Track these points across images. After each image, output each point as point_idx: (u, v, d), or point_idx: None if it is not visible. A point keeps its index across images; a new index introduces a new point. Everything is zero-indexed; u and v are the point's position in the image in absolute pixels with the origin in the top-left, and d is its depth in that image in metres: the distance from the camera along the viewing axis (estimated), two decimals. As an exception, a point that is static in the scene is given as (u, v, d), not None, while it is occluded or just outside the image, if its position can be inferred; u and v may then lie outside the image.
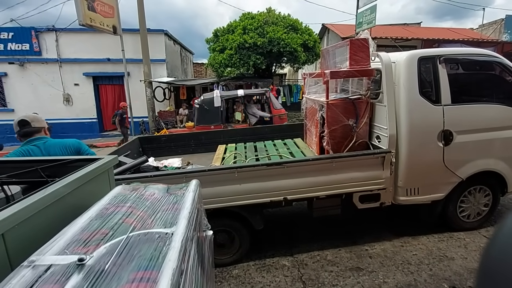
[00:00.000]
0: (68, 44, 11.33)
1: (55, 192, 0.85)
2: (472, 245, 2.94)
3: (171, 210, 0.85)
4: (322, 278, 2.60)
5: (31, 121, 2.07)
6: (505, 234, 0.53)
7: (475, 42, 13.35)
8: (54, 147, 2.03)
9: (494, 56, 2.99)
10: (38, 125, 2.10)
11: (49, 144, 2.05)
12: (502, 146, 2.94)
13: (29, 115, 2.11)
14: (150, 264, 0.60)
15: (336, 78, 3.04)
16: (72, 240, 0.68)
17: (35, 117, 2.10)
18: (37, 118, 2.10)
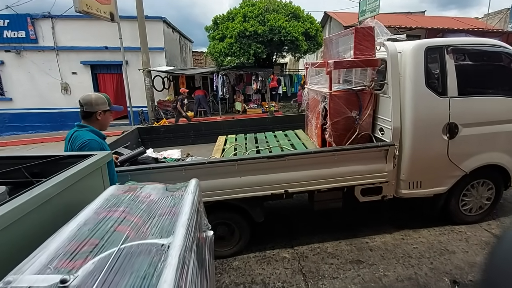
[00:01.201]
0: (64, 32, 11.07)
1: (43, 193, 0.79)
2: (473, 238, 2.93)
3: (168, 215, 0.80)
4: (323, 271, 2.59)
5: (84, 104, 1.96)
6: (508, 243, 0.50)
7: (480, 32, 13.05)
8: (75, 141, 1.89)
9: (502, 46, 2.88)
10: (90, 109, 1.96)
11: (75, 136, 1.93)
12: (507, 140, 2.88)
13: (85, 97, 1.97)
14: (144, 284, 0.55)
15: (340, 68, 2.95)
16: (57, 254, 0.63)
17: (89, 100, 1.95)
18: (90, 101, 1.95)
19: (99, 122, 2.01)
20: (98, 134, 1.97)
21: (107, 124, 2.08)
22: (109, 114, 2.06)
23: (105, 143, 2.00)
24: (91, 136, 1.89)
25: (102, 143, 1.93)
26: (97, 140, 1.89)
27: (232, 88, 12.33)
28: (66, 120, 11.85)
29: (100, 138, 1.95)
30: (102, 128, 2.05)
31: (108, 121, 2.07)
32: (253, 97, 12.15)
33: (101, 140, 1.93)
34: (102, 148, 1.86)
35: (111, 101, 2.07)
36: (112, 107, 2.06)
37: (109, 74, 11.93)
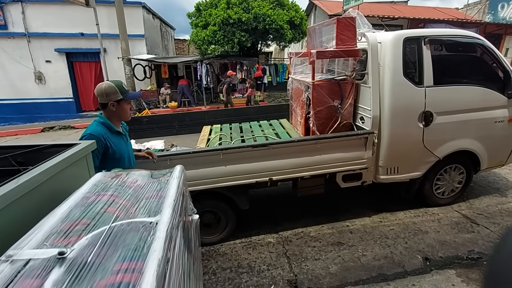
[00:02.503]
0: (36, 17, 10.40)
1: (30, 181, 0.80)
2: (445, 219, 3.15)
3: (155, 198, 0.83)
4: (305, 253, 2.72)
5: (97, 96, 1.85)
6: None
7: (459, 23, 13.51)
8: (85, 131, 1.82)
9: (477, 38, 3.03)
10: (103, 101, 1.84)
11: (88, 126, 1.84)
12: (478, 127, 3.07)
13: (97, 88, 1.84)
14: (135, 255, 0.59)
15: (322, 58, 3.00)
16: (52, 232, 0.66)
17: (100, 91, 1.82)
18: (101, 92, 1.82)
19: (115, 113, 1.88)
20: (109, 127, 1.86)
21: (126, 114, 1.93)
22: (125, 103, 1.88)
23: (115, 136, 1.87)
24: (93, 129, 1.79)
25: (106, 138, 1.80)
26: (97, 134, 1.76)
27: (216, 77, 12.16)
28: (41, 111, 11.30)
29: (108, 131, 1.84)
30: (122, 119, 1.94)
31: (125, 111, 1.91)
32: (238, 86, 12.06)
33: (105, 134, 1.81)
34: (100, 144, 1.74)
35: (125, 88, 1.87)
36: (127, 95, 1.86)
37: (86, 62, 11.40)
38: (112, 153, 1.80)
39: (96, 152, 1.69)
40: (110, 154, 1.79)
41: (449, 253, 2.64)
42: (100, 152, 1.75)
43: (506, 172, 4.18)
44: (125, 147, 1.95)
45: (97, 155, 1.72)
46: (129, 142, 2.09)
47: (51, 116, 11.30)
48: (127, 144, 2.00)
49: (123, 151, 1.90)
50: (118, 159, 1.84)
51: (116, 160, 1.83)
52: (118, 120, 1.93)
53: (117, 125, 1.93)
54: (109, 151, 1.78)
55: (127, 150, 1.97)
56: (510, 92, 3.03)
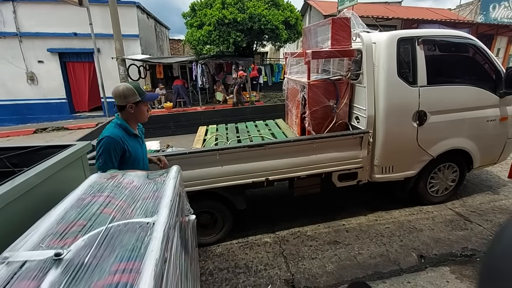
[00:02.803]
0: (28, 17, 10.24)
1: (25, 183, 0.79)
2: (439, 217, 3.19)
3: (151, 199, 0.83)
4: (302, 252, 2.73)
5: (114, 97, 1.79)
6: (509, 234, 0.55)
7: (451, 23, 13.70)
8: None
9: (469, 38, 3.08)
10: (120, 103, 1.79)
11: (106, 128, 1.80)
12: (471, 126, 3.12)
13: (114, 90, 1.79)
14: (133, 255, 0.59)
15: (317, 58, 3.01)
16: (47, 234, 0.65)
17: (118, 93, 1.77)
18: (119, 94, 1.76)
19: (133, 115, 1.84)
20: (126, 129, 1.82)
21: (144, 116, 1.89)
22: (143, 105, 1.84)
23: (132, 139, 1.84)
24: (111, 131, 1.75)
25: (124, 141, 1.76)
26: (115, 137, 1.72)
27: (212, 77, 12.12)
28: (33, 112, 11.14)
29: (125, 134, 1.80)
30: (139, 121, 1.90)
31: (143, 113, 1.87)
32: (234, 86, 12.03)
33: (123, 137, 1.77)
34: (118, 146, 1.70)
35: (142, 89, 1.83)
36: (144, 97, 1.82)
37: (80, 62, 11.27)
38: (129, 156, 1.76)
39: (114, 154, 1.66)
40: (127, 157, 1.75)
41: (443, 250, 2.67)
42: (118, 155, 1.70)
43: (498, 170, 4.25)
44: (140, 150, 1.92)
45: (115, 157, 1.68)
46: (144, 144, 2.04)
47: (44, 117, 11.16)
48: (142, 147, 1.97)
49: (139, 154, 1.87)
50: (133, 162, 1.80)
51: (131, 163, 1.79)
52: (135, 122, 1.90)
53: (133, 127, 1.89)
54: (126, 154, 1.74)
55: (142, 153, 1.94)
56: (502, 92, 3.08)
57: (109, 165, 1.66)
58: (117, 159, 1.71)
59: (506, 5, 14.92)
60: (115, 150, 1.67)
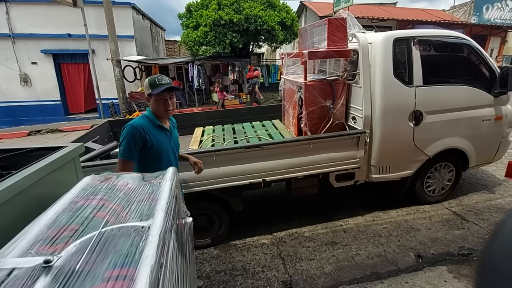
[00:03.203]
0: (21, 18, 10.12)
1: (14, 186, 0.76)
2: (436, 217, 3.20)
3: (147, 201, 0.81)
4: (300, 254, 2.72)
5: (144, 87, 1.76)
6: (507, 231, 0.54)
7: (446, 24, 13.86)
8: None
9: (464, 38, 3.11)
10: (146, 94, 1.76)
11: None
12: (466, 125, 3.14)
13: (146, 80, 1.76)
14: (127, 261, 0.57)
15: (314, 58, 3.01)
16: (37, 239, 0.62)
17: (145, 83, 1.75)
18: (146, 85, 1.74)
19: (152, 107, 1.80)
20: (152, 120, 1.78)
21: (159, 110, 1.77)
22: (157, 98, 1.74)
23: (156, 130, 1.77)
24: (135, 120, 1.73)
25: (147, 130, 1.71)
26: (137, 125, 1.68)
27: (208, 78, 12.09)
28: (27, 114, 11.00)
29: (150, 124, 1.75)
30: (156, 113, 1.80)
31: (157, 106, 1.76)
32: (230, 87, 12.03)
33: (146, 126, 1.71)
34: (139, 135, 1.66)
35: (156, 82, 1.72)
36: (152, 91, 1.71)
37: (74, 64, 11.16)
38: (151, 147, 1.71)
39: (133, 143, 1.64)
40: (149, 147, 1.70)
41: (441, 249, 2.68)
42: (138, 144, 1.67)
43: (493, 169, 4.29)
44: (168, 143, 1.84)
45: (134, 146, 1.65)
46: (174, 140, 1.95)
47: (38, 119, 11.02)
48: (171, 141, 1.88)
49: (164, 146, 1.79)
50: (156, 154, 1.74)
51: (154, 154, 1.73)
52: (157, 115, 1.81)
53: (161, 119, 1.82)
54: (147, 145, 1.69)
55: (169, 146, 1.85)
56: (496, 91, 3.10)
57: (129, 154, 1.65)
58: (137, 149, 1.67)
59: (499, 6, 15.15)
60: (135, 139, 1.65)
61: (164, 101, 1.74)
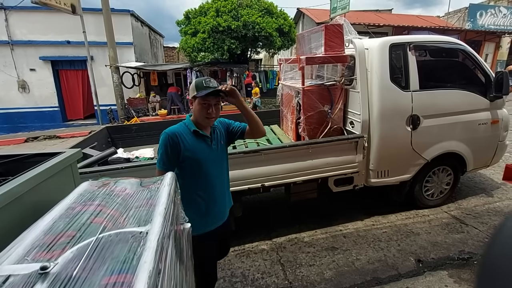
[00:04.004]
0: (20, 25, 10.19)
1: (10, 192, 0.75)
2: (435, 220, 3.19)
3: (145, 207, 0.80)
4: (300, 259, 2.69)
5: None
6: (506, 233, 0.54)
7: (440, 30, 14.07)
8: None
9: (459, 43, 3.15)
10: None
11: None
12: (463, 129, 3.16)
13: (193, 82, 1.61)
14: (124, 267, 0.56)
15: (311, 64, 3.04)
16: (33, 246, 0.61)
17: (192, 85, 1.59)
18: (192, 87, 1.57)
19: (194, 112, 1.62)
20: (189, 126, 1.61)
21: (200, 115, 1.58)
22: (199, 101, 1.55)
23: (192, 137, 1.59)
24: (171, 127, 1.58)
25: (181, 137, 1.55)
26: (170, 132, 1.54)
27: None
28: (25, 120, 10.99)
29: (187, 131, 1.59)
30: (197, 119, 1.61)
31: (199, 112, 1.57)
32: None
33: (181, 133, 1.56)
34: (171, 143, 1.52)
35: (203, 84, 1.54)
36: (197, 93, 1.53)
37: (73, 70, 11.20)
38: (188, 155, 1.55)
39: (166, 151, 1.52)
40: (186, 156, 1.55)
41: (441, 254, 2.66)
42: (172, 152, 1.53)
43: (491, 173, 4.30)
44: (207, 152, 1.63)
45: (167, 154, 1.53)
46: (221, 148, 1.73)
47: (36, 125, 11.00)
48: (213, 150, 1.66)
49: (202, 155, 1.60)
50: (194, 163, 1.59)
51: (192, 163, 1.58)
52: (199, 121, 1.62)
53: (200, 125, 1.63)
54: (182, 153, 1.54)
55: (210, 156, 1.64)
56: (492, 95, 3.14)
57: (165, 162, 1.54)
58: (171, 157, 1.54)
59: (492, 12, 15.41)
60: (168, 147, 1.52)
61: (208, 106, 1.55)
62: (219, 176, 1.71)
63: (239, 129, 1.81)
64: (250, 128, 1.78)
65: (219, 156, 1.71)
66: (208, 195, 1.64)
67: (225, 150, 1.80)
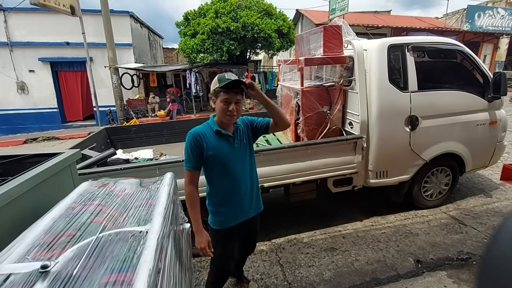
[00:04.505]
0: (19, 26, 10.19)
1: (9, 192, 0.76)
2: (434, 221, 3.20)
3: (144, 206, 0.80)
4: (299, 260, 2.69)
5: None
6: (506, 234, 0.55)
7: (439, 31, 14.13)
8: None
9: (457, 45, 3.16)
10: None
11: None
12: (462, 130, 3.17)
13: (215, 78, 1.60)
14: (124, 266, 0.56)
15: (310, 65, 3.05)
16: (34, 245, 0.62)
17: (214, 80, 1.58)
18: (214, 82, 1.57)
19: (216, 110, 1.62)
20: (212, 125, 1.64)
21: (222, 113, 1.57)
22: (221, 99, 1.54)
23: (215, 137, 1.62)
24: (196, 127, 1.62)
25: (204, 137, 1.58)
26: (194, 133, 1.58)
27: (206, 85, 12.15)
28: (24, 122, 10.97)
29: (210, 131, 1.62)
30: (219, 117, 1.62)
31: (220, 109, 1.57)
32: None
33: (204, 134, 1.59)
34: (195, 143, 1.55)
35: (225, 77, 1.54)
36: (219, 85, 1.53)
37: (72, 71, 11.20)
38: (212, 154, 1.60)
39: (191, 151, 1.57)
40: (209, 155, 1.59)
41: (440, 254, 2.67)
42: (196, 152, 1.58)
43: (489, 173, 4.32)
44: (230, 150, 1.65)
45: (193, 154, 1.57)
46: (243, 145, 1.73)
47: (35, 127, 10.99)
48: (236, 148, 1.68)
49: (224, 153, 1.63)
50: (217, 162, 1.63)
51: (216, 163, 1.63)
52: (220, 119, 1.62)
53: (223, 124, 1.64)
54: (206, 152, 1.59)
55: (232, 154, 1.66)
56: (490, 96, 3.15)
57: (191, 161, 1.58)
58: (196, 157, 1.58)
59: (490, 13, 15.49)
60: (192, 147, 1.57)
61: (229, 104, 1.55)
62: (243, 174, 1.73)
63: (264, 124, 1.81)
64: (274, 121, 1.77)
65: (242, 154, 1.73)
66: (231, 192, 1.69)
67: (249, 148, 1.80)
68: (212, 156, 1.60)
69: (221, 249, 1.76)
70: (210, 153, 1.59)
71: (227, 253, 1.82)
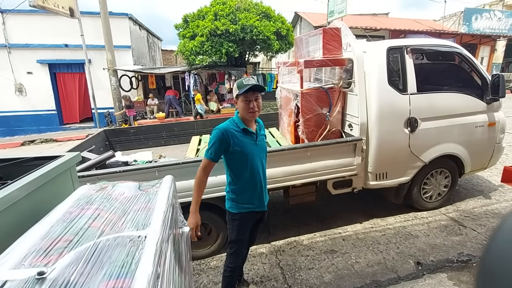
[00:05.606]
0: (17, 28, 10.16)
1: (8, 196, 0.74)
2: (434, 223, 3.19)
3: (143, 210, 0.79)
4: (299, 263, 2.68)
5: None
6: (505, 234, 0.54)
7: (437, 33, 14.20)
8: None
9: (455, 47, 3.18)
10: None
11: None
12: (461, 132, 3.17)
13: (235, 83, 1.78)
14: (122, 272, 0.55)
15: (310, 67, 3.05)
16: (30, 251, 0.60)
17: (234, 86, 1.76)
18: (234, 88, 1.75)
19: (239, 110, 1.81)
20: (238, 123, 1.79)
21: (244, 111, 1.75)
22: (242, 99, 1.74)
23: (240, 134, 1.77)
24: (222, 124, 1.77)
25: (231, 134, 1.74)
26: (222, 129, 1.73)
27: (205, 87, 12.15)
28: (22, 124, 10.91)
29: (236, 128, 1.77)
30: (242, 115, 1.79)
31: (242, 108, 1.75)
32: (227, 96, 12.09)
33: (230, 130, 1.75)
34: (223, 139, 1.71)
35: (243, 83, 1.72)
36: (239, 91, 1.72)
37: (70, 73, 11.16)
38: (234, 151, 1.76)
39: (216, 146, 1.73)
40: (234, 151, 1.76)
41: (440, 256, 2.66)
42: (221, 148, 1.74)
43: (488, 175, 4.32)
44: (253, 147, 1.83)
45: (218, 149, 1.74)
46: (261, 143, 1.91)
47: (32, 129, 10.94)
48: (257, 144, 1.86)
49: (248, 150, 1.80)
50: (241, 158, 1.80)
51: (238, 159, 1.80)
52: (244, 117, 1.80)
53: (246, 122, 1.81)
54: (231, 148, 1.75)
55: (254, 150, 1.84)
56: (488, 98, 3.16)
57: (215, 153, 1.74)
58: (219, 151, 1.75)
59: (487, 16, 15.61)
60: (219, 142, 1.72)
61: (249, 102, 1.74)
62: (261, 168, 1.92)
63: None
64: None
65: (260, 151, 1.91)
66: (249, 183, 1.86)
67: (265, 148, 2.00)
68: (238, 151, 1.77)
69: (237, 231, 1.95)
70: (236, 148, 1.75)
71: (241, 236, 1.98)
